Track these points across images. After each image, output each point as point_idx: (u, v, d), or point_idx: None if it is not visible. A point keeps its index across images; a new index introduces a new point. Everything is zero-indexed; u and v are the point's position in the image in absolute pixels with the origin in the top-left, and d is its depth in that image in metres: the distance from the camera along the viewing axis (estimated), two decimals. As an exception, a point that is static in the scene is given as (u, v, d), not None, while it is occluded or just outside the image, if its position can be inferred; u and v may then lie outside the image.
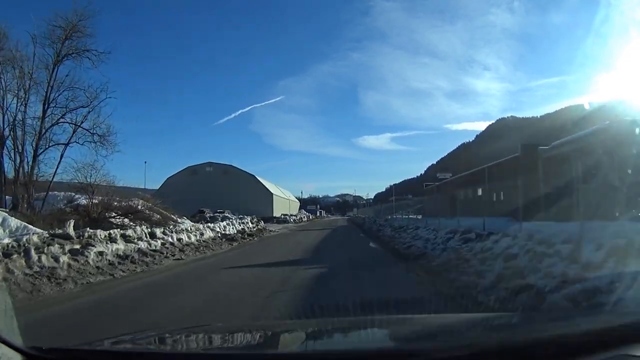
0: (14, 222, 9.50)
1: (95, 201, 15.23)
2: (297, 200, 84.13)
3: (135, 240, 11.67)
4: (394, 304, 3.50)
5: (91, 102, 16.18)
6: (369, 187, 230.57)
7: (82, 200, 15.99)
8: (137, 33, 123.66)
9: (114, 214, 15.36)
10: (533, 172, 17.29)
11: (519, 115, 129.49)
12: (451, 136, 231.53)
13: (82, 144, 16.26)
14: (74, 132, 16.19)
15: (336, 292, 6.39)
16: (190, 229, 16.44)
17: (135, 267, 9.73)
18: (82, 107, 16.17)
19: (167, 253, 12.13)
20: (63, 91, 15.95)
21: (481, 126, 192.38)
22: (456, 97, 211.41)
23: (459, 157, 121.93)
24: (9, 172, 14.87)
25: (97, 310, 5.82)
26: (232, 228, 22.02)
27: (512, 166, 19.82)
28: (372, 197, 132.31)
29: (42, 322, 4.92)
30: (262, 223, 30.87)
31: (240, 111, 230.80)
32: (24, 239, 8.22)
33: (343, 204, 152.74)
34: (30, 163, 14.95)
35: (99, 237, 10.16)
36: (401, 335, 2.10)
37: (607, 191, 11.28)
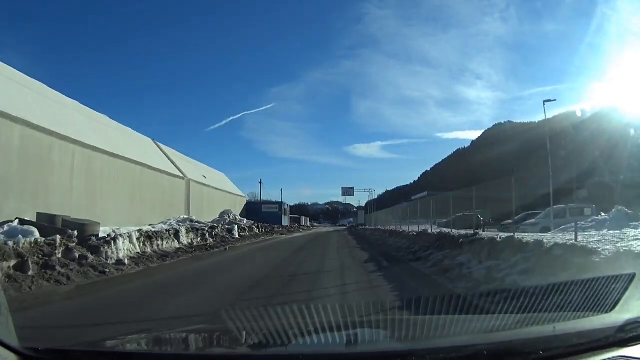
0: None
1: None
2: (238, 195, 47.63)
3: None
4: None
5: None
6: (359, 195, 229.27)
7: None
8: (131, 34, 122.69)
9: None
10: None
11: (516, 120, 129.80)
12: (442, 145, 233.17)
13: None
14: None
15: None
16: None
17: None
18: None
19: None
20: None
21: (472, 135, 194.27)
22: (448, 106, 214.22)
23: (455, 164, 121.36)
24: None
25: None
26: None
27: None
28: (364, 205, 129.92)
29: None
30: None
31: (231, 118, 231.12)
32: None
33: (333, 212, 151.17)
34: None
35: None
36: (394, 336, 2.14)
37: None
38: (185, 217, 24.41)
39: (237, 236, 24.24)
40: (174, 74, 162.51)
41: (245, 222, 33.40)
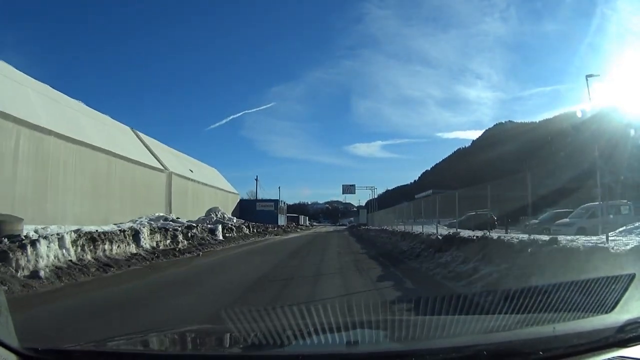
0: None
1: None
2: (231, 192, 43.87)
3: None
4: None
5: None
6: (360, 194, 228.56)
7: None
8: (131, 34, 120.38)
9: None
10: None
11: (517, 120, 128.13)
12: (443, 144, 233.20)
13: None
14: None
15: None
16: None
17: None
18: None
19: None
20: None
21: (473, 135, 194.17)
22: (448, 106, 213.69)
23: (456, 163, 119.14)
24: None
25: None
26: None
27: None
28: (364, 204, 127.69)
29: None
30: None
31: (231, 117, 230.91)
32: None
33: (333, 211, 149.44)
34: None
35: None
36: (394, 336, 2.13)
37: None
38: (161, 214, 21.52)
39: (220, 237, 20.91)
40: (174, 74, 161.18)
41: (234, 221, 30.01)
